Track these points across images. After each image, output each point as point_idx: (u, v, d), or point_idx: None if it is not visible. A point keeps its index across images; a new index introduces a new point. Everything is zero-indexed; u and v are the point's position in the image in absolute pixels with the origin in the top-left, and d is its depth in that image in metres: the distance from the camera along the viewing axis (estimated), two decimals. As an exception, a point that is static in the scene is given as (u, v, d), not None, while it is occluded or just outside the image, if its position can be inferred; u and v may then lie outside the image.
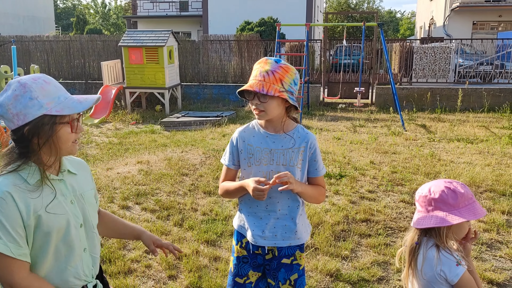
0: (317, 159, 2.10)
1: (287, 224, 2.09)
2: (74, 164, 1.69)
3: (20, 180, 1.45)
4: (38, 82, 1.46)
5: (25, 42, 13.97)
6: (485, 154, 6.73)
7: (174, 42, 11.92)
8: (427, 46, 12.46)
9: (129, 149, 7.37)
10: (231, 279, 2.21)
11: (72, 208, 1.56)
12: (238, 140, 2.11)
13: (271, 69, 1.93)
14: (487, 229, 4.18)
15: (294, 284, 2.13)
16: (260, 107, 1.96)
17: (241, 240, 2.17)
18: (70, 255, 1.55)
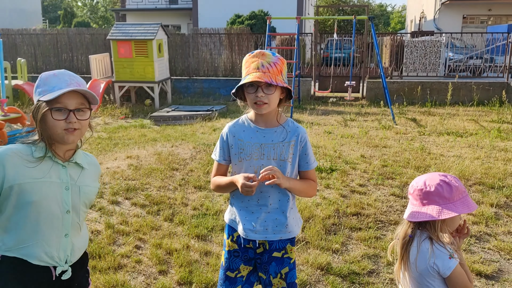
0: (307, 152, 2.10)
1: (278, 217, 2.09)
2: (89, 161, 1.87)
3: (27, 151, 1.68)
4: (48, 74, 1.71)
5: (11, 35, 13.75)
6: (475, 147, 6.78)
7: (163, 36, 11.81)
8: (417, 40, 12.49)
9: (119, 144, 7.30)
10: (222, 273, 2.21)
11: (63, 193, 1.70)
12: (228, 135, 2.11)
13: (272, 61, 1.95)
14: (476, 221, 4.21)
15: (285, 278, 2.13)
16: (265, 99, 1.95)
17: (232, 234, 2.17)
18: (48, 233, 1.69)
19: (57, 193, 1.69)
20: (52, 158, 1.70)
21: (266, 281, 2.15)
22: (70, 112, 1.66)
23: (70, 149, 1.76)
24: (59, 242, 1.71)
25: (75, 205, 1.74)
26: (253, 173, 2.02)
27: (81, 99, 1.70)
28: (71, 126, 1.65)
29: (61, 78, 1.68)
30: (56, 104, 1.64)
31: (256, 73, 1.92)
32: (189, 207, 4.56)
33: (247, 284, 2.20)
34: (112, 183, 5.14)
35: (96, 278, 3.20)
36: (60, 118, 1.64)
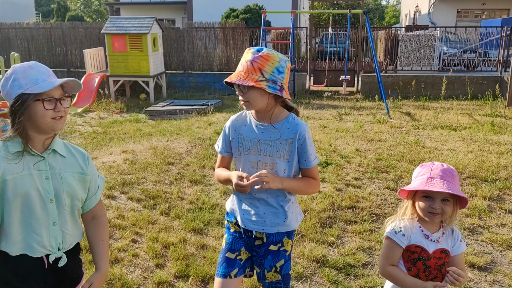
0: (306, 150, 2.05)
1: (277, 211, 2.10)
2: (70, 149, 1.89)
3: (4, 149, 1.72)
4: (23, 66, 1.72)
5: (4, 30, 13.63)
6: (468, 141, 6.83)
7: (158, 30, 11.76)
8: (412, 34, 12.53)
9: (114, 139, 7.29)
10: (221, 256, 2.20)
11: (45, 183, 1.75)
12: (230, 128, 2.13)
13: (250, 59, 1.92)
14: (469, 214, 4.26)
15: (280, 271, 2.15)
16: (244, 98, 1.97)
17: (236, 218, 2.21)
18: (35, 223, 1.74)
19: (38, 184, 1.73)
20: (30, 151, 1.73)
21: (260, 274, 2.17)
22: (57, 101, 1.73)
23: (49, 138, 1.79)
24: (48, 231, 1.77)
25: (58, 193, 1.78)
26: (250, 168, 2.05)
27: (61, 89, 1.77)
28: (59, 114, 1.72)
29: (39, 69, 1.72)
30: (44, 95, 1.69)
31: (235, 72, 1.96)
32: (185, 201, 4.57)
33: (242, 269, 2.18)
34: (108, 177, 5.14)
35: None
36: (50, 107, 1.70)
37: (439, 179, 1.84)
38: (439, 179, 1.84)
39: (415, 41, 12.33)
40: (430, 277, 1.91)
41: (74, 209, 1.87)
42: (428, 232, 1.91)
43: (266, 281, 2.16)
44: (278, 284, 2.16)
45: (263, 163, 2.04)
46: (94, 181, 1.95)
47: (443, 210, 1.86)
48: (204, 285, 3.14)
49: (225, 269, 2.15)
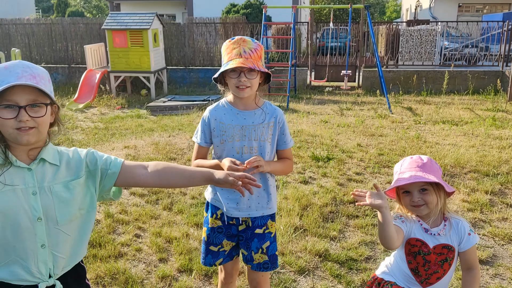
0: (285, 132, 2.23)
1: (260, 195, 2.21)
2: (64, 155, 1.62)
3: None
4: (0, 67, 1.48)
5: (5, 25, 13.61)
6: (470, 135, 6.84)
7: (159, 25, 11.74)
8: (413, 29, 12.50)
9: (116, 134, 7.30)
10: (204, 247, 2.32)
11: (31, 200, 1.49)
12: (210, 118, 2.19)
13: (253, 47, 2.07)
14: (471, 208, 4.27)
15: (266, 252, 2.26)
16: (247, 83, 2.06)
17: (216, 212, 2.27)
18: (20, 247, 1.49)
19: (22, 201, 1.48)
20: (14, 163, 1.49)
21: (248, 257, 2.26)
22: (21, 109, 1.44)
23: (35, 148, 1.53)
24: (35, 255, 1.51)
25: (48, 210, 1.51)
26: (235, 154, 2.14)
27: (36, 94, 1.46)
28: (23, 124, 1.44)
29: (12, 70, 1.44)
30: (4, 101, 1.42)
31: (239, 59, 2.02)
32: (188, 196, 4.59)
33: (228, 257, 2.33)
34: (110, 173, 5.15)
35: (97, 267, 3.23)
36: (9, 116, 1.43)
37: (408, 172, 1.86)
38: (408, 171, 1.87)
39: (416, 35, 12.29)
40: (430, 271, 1.90)
41: (77, 224, 1.60)
42: (427, 226, 1.90)
43: (254, 262, 2.26)
44: (266, 264, 2.27)
45: (248, 148, 2.14)
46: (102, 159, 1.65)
47: (425, 200, 1.86)
48: (208, 279, 3.16)
49: (211, 259, 2.31)
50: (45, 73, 1.54)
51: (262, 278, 2.33)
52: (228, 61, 2.04)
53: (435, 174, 1.85)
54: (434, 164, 1.91)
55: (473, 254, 1.91)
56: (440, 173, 1.90)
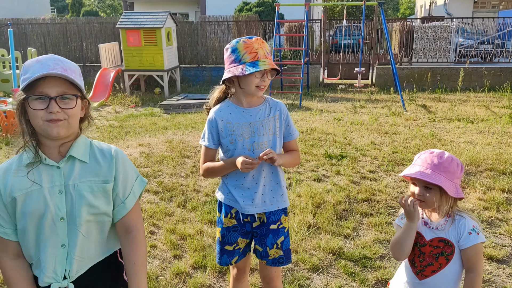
0: (290, 124, 2.25)
1: (273, 189, 2.23)
2: (96, 151, 1.59)
3: (18, 161, 1.51)
4: (31, 61, 1.48)
5: (21, 25, 13.82)
6: (486, 133, 6.75)
7: (172, 24, 11.80)
8: (427, 26, 12.36)
9: (130, 132, 7.38)
10: (219, 247, 2.33)
11: (57, 199, 1.48)
12: (217, 120, 2.18)
13: (269, 49, 2.15)
14: (487, 207, 4.22)
15: (281, 247, 2.27)
16: (267, 83, 2.12)
17: (230, 211, 2.27)
18: (40, 245, 1.50)
19: (48, 200, 1.47)
20: (43, 161, 1.49)
21: (263, 252, 2.28)
22: (51, 100, 1.43)
23: (66, 142, 1.52)
24: (54, 254, 1.50)
25: (71, 210, 1.50)
26: (247, 151, 2.14)
27: (66, 86, 1.46)
28: (53, 116, 1.43)
29: (44, 63, 1.44)
30: (35, 93, 1.43)
31: (267, 60, 2.06)
32: (201, 194, 4.62)
33: (243, 254, 2.35)
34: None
35: None
36: (40, 107, 1.42)
37: (418, 165, 1.85)
38: (419, 165, 1.85)
39: (430, 32, 12.15)
40: (424, 263, 1.89)
41: (93, 226, 1.57)
42: (428, 219, 1.90)
43: (269, 257, 2.27)
44: (281, 259, 2.29)
45: (258, 143, 2.16)
46: (123, 186, 1.60)
47: (425, 199, 1.83)
48: (222, 276, 3.18)
49: (227, 259, 2.32)
50: (76, 68, 1.53)
51: (275, 274, 2.35)
52: (254, 60, 2.02)
53: (447, 175, 1.80)
54: (453, 165, 1.83)
55: (473, 256, 1.80)
56: (457, 175, 1.83)
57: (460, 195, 1.82)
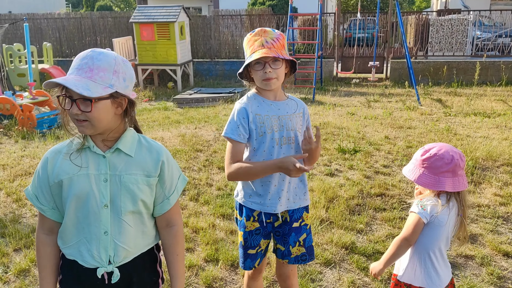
0: (309, 125, 2.22)
1: (298, 186, 2.19)
2: (143, 147, 1.62)
3: (69, 145, 1.58)
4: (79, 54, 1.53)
5: (36, 20, 13.98)
6: (503, 128, 6.62)
7: (185, 18, 11.81)
8: (443, 19, 12.14)
9: (143, 126, 7.42)
10: (242, 252, 2.25)
11: (101, 186, 1.54)
12: (247, 110, 2.04)
13: (275, 37, 2.00)
14: (503, 202, 4.15)
15: (304, 244, 2.22)
16: (273, 74, 1.99)
17: (252, 214, 2.17)
18: (88, 230, 1.56)
19: (94, 186, 1.53)
20: (91, 148, 1.55)
21: (285, 252, 2.22)
22: (73, 103, 1.45)
23: (109, 140, 1.56)
24: (98, 240, 1.56)
25: (115, 199, 1.55)
26: (275, 145, 2.06)
27: None
28: (76, 117, 1.47)
29: (75, 62, 1.48)
30: (63, 91, 1.47)
31: (262, 50, 1.95)
32: (214, 188, 4.63)
33: (264, 255, 2.30)
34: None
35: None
36: (67, 107, 1.47)
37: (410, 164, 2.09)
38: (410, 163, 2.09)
39: (447, 25, 11.95)
40: None
41: (138, 218, 1.62)
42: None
43: (292, 256, 2.22)
44: (304, 256, 2.24)
45: (286, 138, 2.09)
46: (169, 183, 1.65)
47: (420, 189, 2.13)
48: (234, 269, 3.19)
49: (250, 263, 2.24)
50: (109, 65, 1.48)
51: (291, 272, 2.30)
52: (251, 53, 1.98)
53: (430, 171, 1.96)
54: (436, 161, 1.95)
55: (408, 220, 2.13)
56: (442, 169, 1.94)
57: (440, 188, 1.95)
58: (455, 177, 1.94)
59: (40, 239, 1.65)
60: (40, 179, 1.59)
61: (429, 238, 1.99)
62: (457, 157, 1.94)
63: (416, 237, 1.99)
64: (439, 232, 1.98)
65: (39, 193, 1.60)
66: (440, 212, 1.95)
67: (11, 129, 7.10)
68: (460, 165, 1.95)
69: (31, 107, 7.23)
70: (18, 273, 3.15)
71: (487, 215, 3.94)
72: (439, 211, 1.95)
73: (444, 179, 1.93)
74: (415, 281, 2.02)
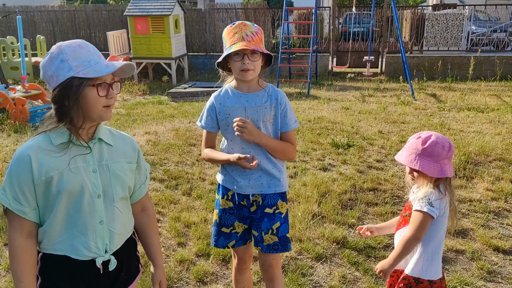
0: (287, 114, 2.23)
1: (272, 172, 2.23)
2: (116, 137, 1.69)
3: (46, 141, 1.53)
4: (71, 46, 1.51)
5: (30, 13, 13.84)
6: (496, 123, 6.65)
7: (180, 11, 11.73)
8: (439, 13, 12.13)
9: (137, 120, 7.39)
10: (216, 229, 2.35)
11: (92, 177, 1.56)
12: (215, 102, 2.24)
13: (254, 31, 2.12)
14: (495, 197, 4.17)
15: (277, 233, 2.25)
16: (250, 66, 2.10)
17: (227, 193, 2.29)
18: (81, 223, 1.56)
19: (85, 178, 1.54)
20: (74, 141, 1.54)
21: (258, 237, 2.26)
22: (109, 87, 1.53)
23: (93, 126, 1.59)
24: (94, 231, 1.58)
25: (106, 187, 1.59)
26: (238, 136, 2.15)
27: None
28: (111, 102, 1.54)
29: (89, 50, 1.52)
30: (98, 80, 1.49)
31: (242, 42, 2.06)
32: (207, 182, 4.62)
33: (241, 240, 2.34)
34: (131, 158, 5.23)
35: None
36: (103, 94, 1.51)
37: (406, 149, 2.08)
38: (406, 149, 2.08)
39: (442, 20, 11.93)
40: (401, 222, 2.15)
41: (125, 203, 1.70)
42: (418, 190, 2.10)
43: (264, 243, 2.25)
44: (276, 245, 2.26)
45: None
46: (144, 169, 1.77)
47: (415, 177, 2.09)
48: (225, 264, 3.19)
49: (223, 241, 2.33)
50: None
51: (273, 261, 2.31)
52: (231, 45, 2.08)
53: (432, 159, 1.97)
54: (437, 149, 1.97)
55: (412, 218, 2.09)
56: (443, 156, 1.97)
57: (444, 175, 1.98)
58: (450, 163, 2.02)
59: (20, 244, 1.53)
60: (21, 179, 1.50)
61: (436, 232, 2.02)
62: (450, 143, 2.02)
63: (424, 233, 2.01)
64: (444, 223, 2.03)
65: (18, 194, 1.50)
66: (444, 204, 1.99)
67: (3, 123, 7.05)
68: (454, 150, 2.03)
69: (24, 100, 7.18)
70: (9, 268, 3.14)
71: (479, 210, 3.96)
72: (446, 205, 1.99)
73: (445, 166, 1.98)
74: (423, 275, 2.02)
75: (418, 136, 2.04)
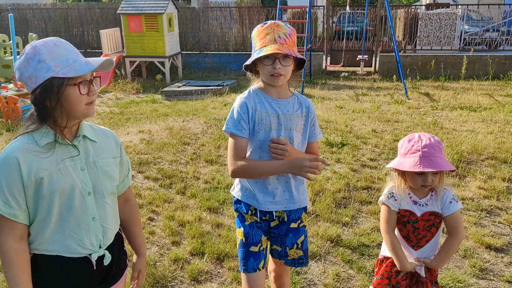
0: (315, 123, 2.15)
1: (296, 186, 2.10)
2: (98, 132, 1.68)
3: (31, 142, 1.49)
4: (47, 45, 1.48)
5: (22, 10, 13.72)
6: (488, 122, 6.70)
7: (173, 9, 11.70)
8: (432, 13, 12.19)
9: (131, 119, 7.36)
10: (243, 252, 2.10)
11: (81, 175, 1.55)
12: (247, 105, 1.99)
13: (288, 32, 1.94)
14: (487, 195, 4.20)
15: (301, 247, 2.17)
16: (282, 71, 1.94)
17: (249, 208, 2.12)
18: (74, 221, 1.55)
19: (74, 177, 1.53)
20: (60, 141, 1.52)
21: (281, 252, 2.15)
22: (90, 84, 1.51)
23: (76, 124, 1.57)
24: (87, 228, 1.58)
25: (96, 184, 1.59)
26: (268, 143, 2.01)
27: None
28: (93, 98, 1.53)
29: (66, 48, 1.50)
30: (78, 79, 1.47)
31: (274, 45, 1.88)
32: (201, 181, 4.62)
33: (265, 257, 2.16)
34: (125, 157, 5.21)
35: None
36: (85, 92, 1.50)
37: (431, 157, 1.97)
38: (431, 157, 1.96)
39: (435, 19, 12.00)
40: (419, 236, 2.09)
41: (114, 198, 1.71)
42: (417, 198, 2.08)
43: (289, 258, 2.16)
44: (301, 259, 2.18)
45: (284, 138, 2.02)
46: (126, 162, 1.77)
47: (434, 182, 2.03)
48: (219, 263, 3.19)
49: (253, 263, 2.08)
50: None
51: (285, 271, 2.27)
52: (262, 47, 1.90)
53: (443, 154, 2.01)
54: (439, 143, 2.01)
55: (454, 221, 2.06)
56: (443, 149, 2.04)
57: (454, 168, 2.01)
58: None
59: (12, 248, 1.49)
60: (10, 182, 1.46)
61: None
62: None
63: None
64: None
65: (8, 198, 1.47)
66: None
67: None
68: None
69: (16, 99, 7.13)
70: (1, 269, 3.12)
71: (471, 208, 3.99)
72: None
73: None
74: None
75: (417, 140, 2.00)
